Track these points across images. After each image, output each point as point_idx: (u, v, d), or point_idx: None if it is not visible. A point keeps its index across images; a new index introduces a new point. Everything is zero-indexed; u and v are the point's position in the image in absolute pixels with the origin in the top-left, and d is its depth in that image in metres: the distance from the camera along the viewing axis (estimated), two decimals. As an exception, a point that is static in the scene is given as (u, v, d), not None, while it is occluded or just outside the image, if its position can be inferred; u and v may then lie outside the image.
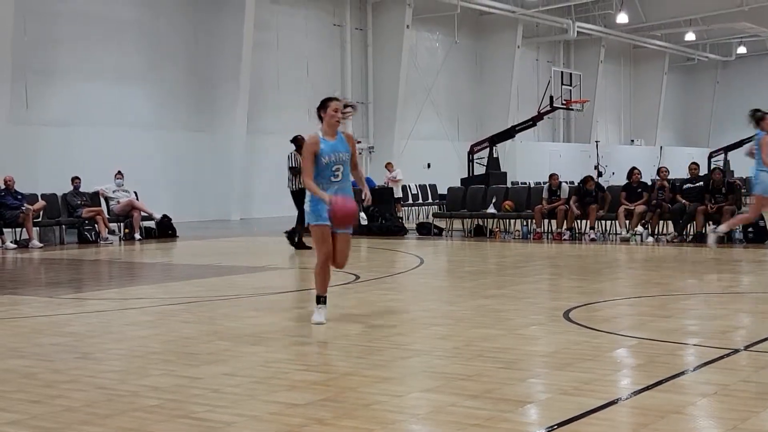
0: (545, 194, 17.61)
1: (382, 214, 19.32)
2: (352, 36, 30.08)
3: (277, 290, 10.05)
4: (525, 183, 26.88)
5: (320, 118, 7.41)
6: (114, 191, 19.12)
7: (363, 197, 7.83)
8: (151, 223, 19.23)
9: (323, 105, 7.38)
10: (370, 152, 30.44)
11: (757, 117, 11.73)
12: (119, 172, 19.38)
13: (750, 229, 15.40)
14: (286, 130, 27.31)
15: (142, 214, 18.91)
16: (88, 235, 17.91)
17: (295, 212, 15.22)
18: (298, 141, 15.24)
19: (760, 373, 5.62)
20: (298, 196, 15.09)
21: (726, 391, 5.05)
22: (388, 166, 25.92)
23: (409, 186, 27.26)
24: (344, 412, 4.72)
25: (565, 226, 16.97)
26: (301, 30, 28.41)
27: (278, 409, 4.79)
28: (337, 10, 29.63)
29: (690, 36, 39.38)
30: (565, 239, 16.69)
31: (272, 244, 17.39)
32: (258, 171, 26.42)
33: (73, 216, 18.23)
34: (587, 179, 17.53)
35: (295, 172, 15.03)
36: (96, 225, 18.09)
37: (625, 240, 16.12)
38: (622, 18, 35.08)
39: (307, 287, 10.52)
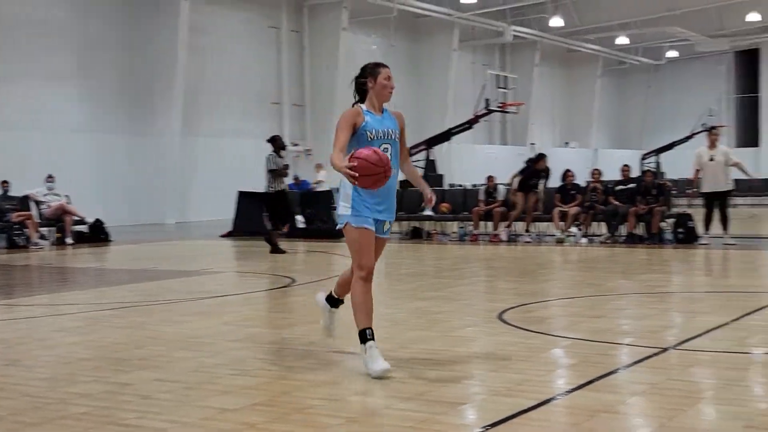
0: (482, 196, 17.73)
1: (319, 217, 19.26)
2: (289, 39, 29.96)
3: (212, 294, 9.95)
4: (462, 185, 27.04)
5: (361, 91, 5.92)
6: (45, 195, 18.75)
7: (425, 199, 6.24)
8: (84, 228, 18.90)
9: (372, 71, 5.90)
10: (307, 155, 30.33)
11: None
12: (50, 176, 19.02)
13: (680, 230, 15.69)
14: (222, 133, 27.29)
15: (74, 218, 18.58)
16: (18, 240, 17.53)
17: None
18: (275, 141, 15.15)
19: (688, 371, 5.72)
20: (275, 198, 15.06)
21: (655, 390, 5.13)
22: (317, 168, 26.00)
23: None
24: (277, 416, 4.68)
25: (506, 225, 17.03)
26: (237, 33, 28.22)
27: (210, 414, 4.73)
28: (272, 13, 29.49)
29: (622, 40, 39.98)
30: (501, 239, 16.80)
31: (208, 248, 17.22)
32: (194, 174, 26.18)
33: (2, 220, 17.83)
34: (540, 157, 17.38)
35: (275, 174, 14.92)
36: (26, 230, 17.72)
37: (560, 241, 16.30)
38: (557, 22, 35.50)
39: (243, 291, 10.45)
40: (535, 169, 17.16)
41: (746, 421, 4.44)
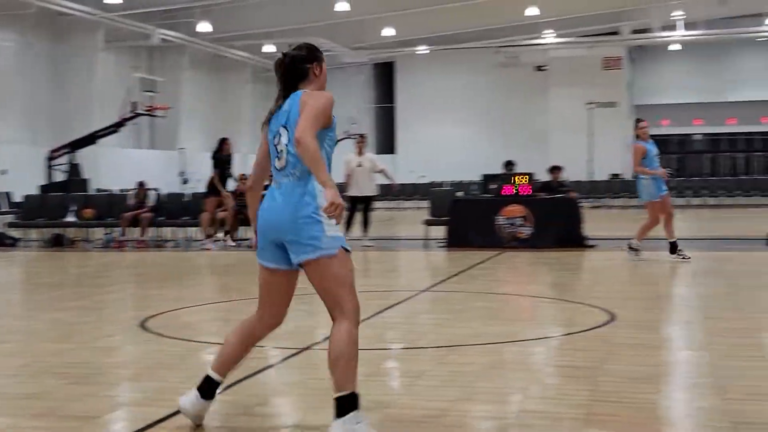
0: (131, 201, 17.28)
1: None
2: None
3: None
4: (108, 190, 26.20)
5: (297, 75, 4.51)
6: None
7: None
8: None
9: (320, 57, 4.58)
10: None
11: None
12: None
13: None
14: None
15: None
16: None
17: None
18: None
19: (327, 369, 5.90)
20: None
21: (294, 389, 5.27)
22: None
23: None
24: None
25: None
26: None
27: None
28: None
29: (269, 48, 40.79)
30: (146, 243, 16.47)
31: None
32: None
33: None
34: (222, 142, 16.68)
35: None
36: None
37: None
38: (205, 27, 35.42)
39: None
40: (221, 158, 16.57)
41: (381, 413, 4.66)
